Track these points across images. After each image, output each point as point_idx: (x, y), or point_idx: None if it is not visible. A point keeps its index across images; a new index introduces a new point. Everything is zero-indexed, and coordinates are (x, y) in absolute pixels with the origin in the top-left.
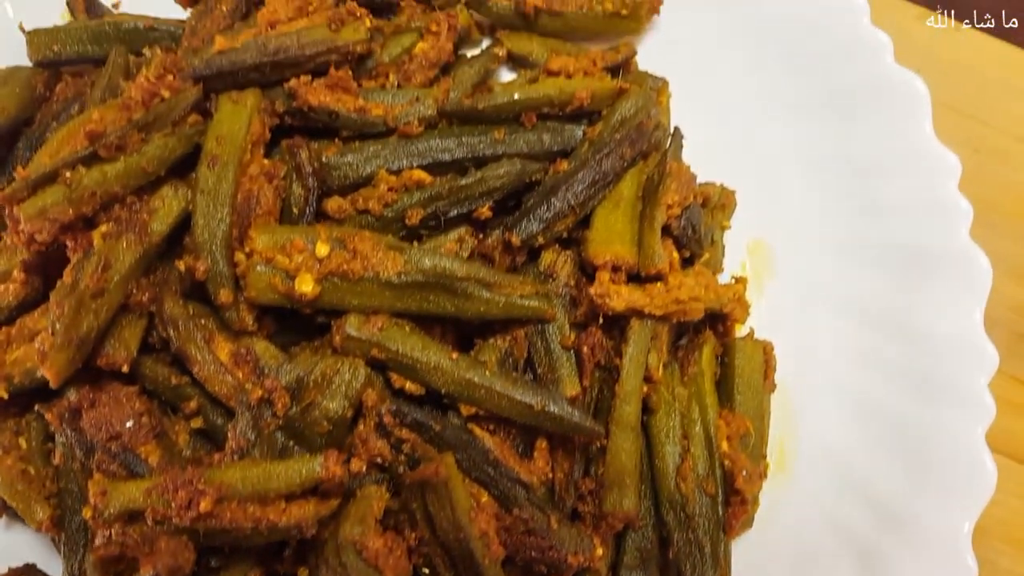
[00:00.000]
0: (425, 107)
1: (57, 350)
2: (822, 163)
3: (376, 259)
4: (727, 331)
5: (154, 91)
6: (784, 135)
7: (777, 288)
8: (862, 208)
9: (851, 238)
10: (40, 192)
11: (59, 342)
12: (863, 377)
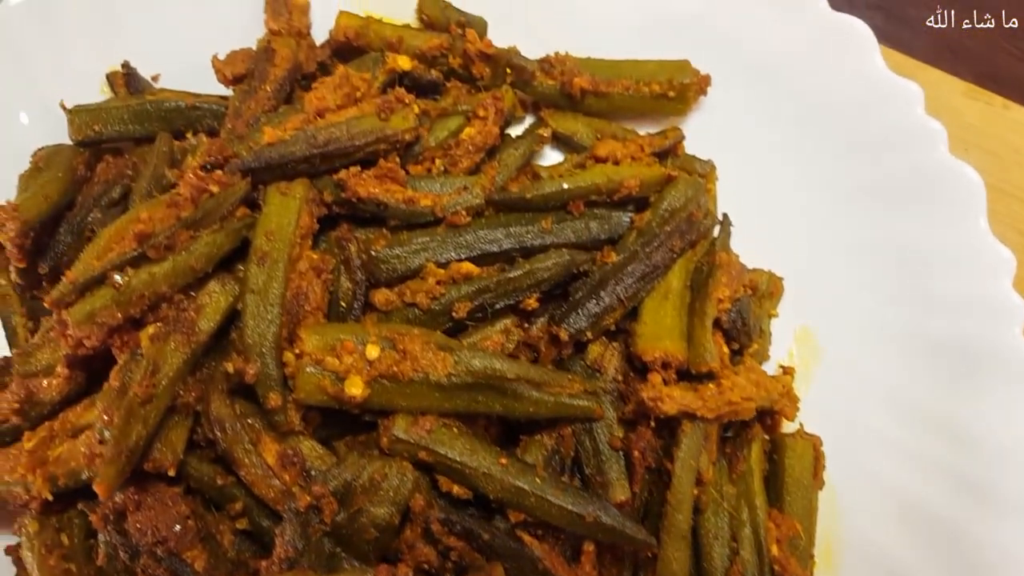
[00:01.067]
0: (473, 196)
1: (108, 463)
2: (871, 251)
3: (426, 360)
4: (774, 425)
5: (203, 187)
6: (832, 221)
7: (824, 377)
8: (911, 300)
9: (900, 330)
10: (88, 295)
11: (110, 455)
12: (912, 477)
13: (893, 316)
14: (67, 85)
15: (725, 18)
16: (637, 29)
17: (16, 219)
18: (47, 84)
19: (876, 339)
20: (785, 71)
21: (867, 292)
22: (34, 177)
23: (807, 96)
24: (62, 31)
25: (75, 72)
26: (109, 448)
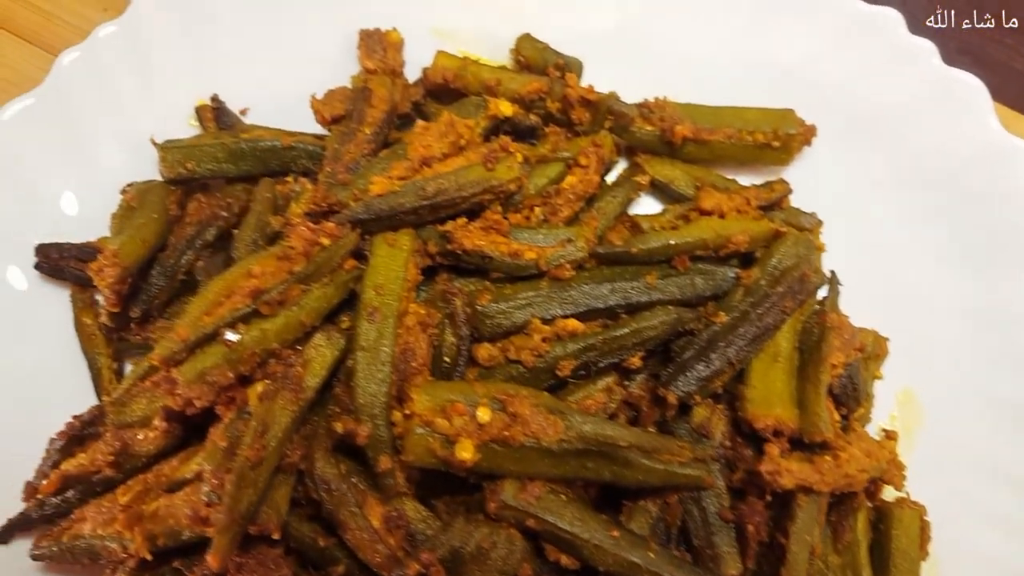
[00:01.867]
0: (577, 249)
1: (221, 533)
2: (977, 314)
3: (536, 425)
4: (875, 491)
5: (314, 240)
6: (938, 281)
7: (925, 442)
8: (1017, 366)
9: (1006, 397)
10: (199, 353)
11: (223, 523)
12: (1017, 549)
13: (999, 380)
14: (154, 116)
15: (831, 68)
16: (739, 75)
17: (116, 265)
18: (134, 115)
19: (980, 404)
20: (893, 125)
21: (972, 354)
22: (128, 217)
23: (915, 151)
24: (151, 62)
25: (162, 104)
26: (222, 516)
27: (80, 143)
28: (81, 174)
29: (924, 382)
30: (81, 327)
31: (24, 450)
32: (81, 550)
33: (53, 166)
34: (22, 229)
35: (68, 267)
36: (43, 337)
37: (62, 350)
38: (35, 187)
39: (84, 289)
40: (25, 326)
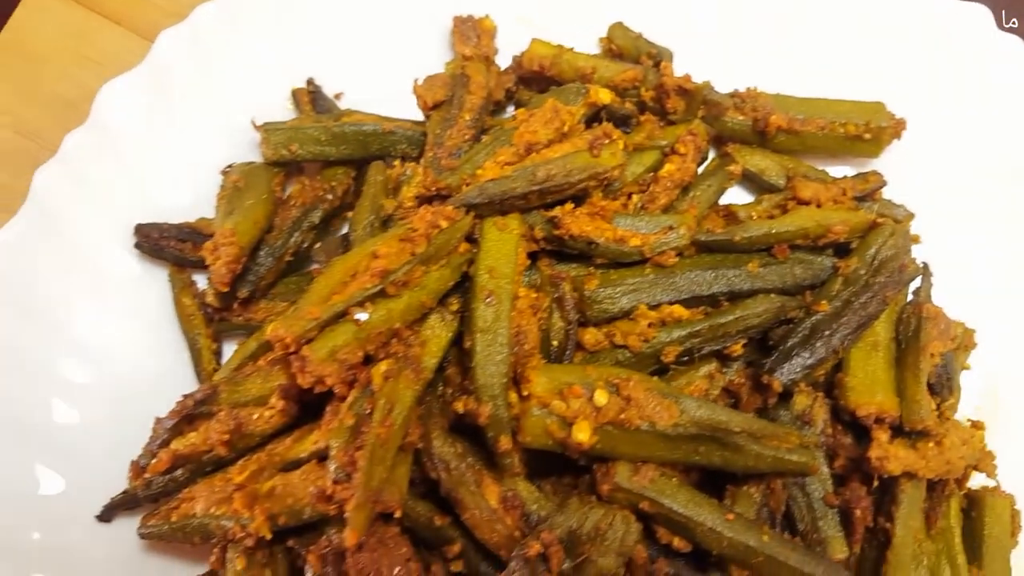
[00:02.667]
0: (679, 237)
1: (358, 509)
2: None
3: (651, 408)
4: (964, 480)
5: (435, 222)
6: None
7: (1005, 432)
8: None
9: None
10: (328, 332)
11: (359, 500)
12: None
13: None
14: (250, 99)
15: (920, 62)
16: (829, 66)
17: (234, 244)
18: (229, 97)
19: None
20: (981, 118)
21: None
22: (236, 197)
23: (1005, 147)
24: (247, 44)
25: (258, 86)
26: (358, 492)
27: (175, 124)
28: (176, 156)
29: (1003, 373)
30: (181, 307)
31: (125, 432)
32: (192, 529)
33: (149, 147)
34: (121, 209)
35: (168, 247)
36: (143, 318)
37: (161, 331)
38: (132, 167)
39: (182, 269)
40: (126, 308)
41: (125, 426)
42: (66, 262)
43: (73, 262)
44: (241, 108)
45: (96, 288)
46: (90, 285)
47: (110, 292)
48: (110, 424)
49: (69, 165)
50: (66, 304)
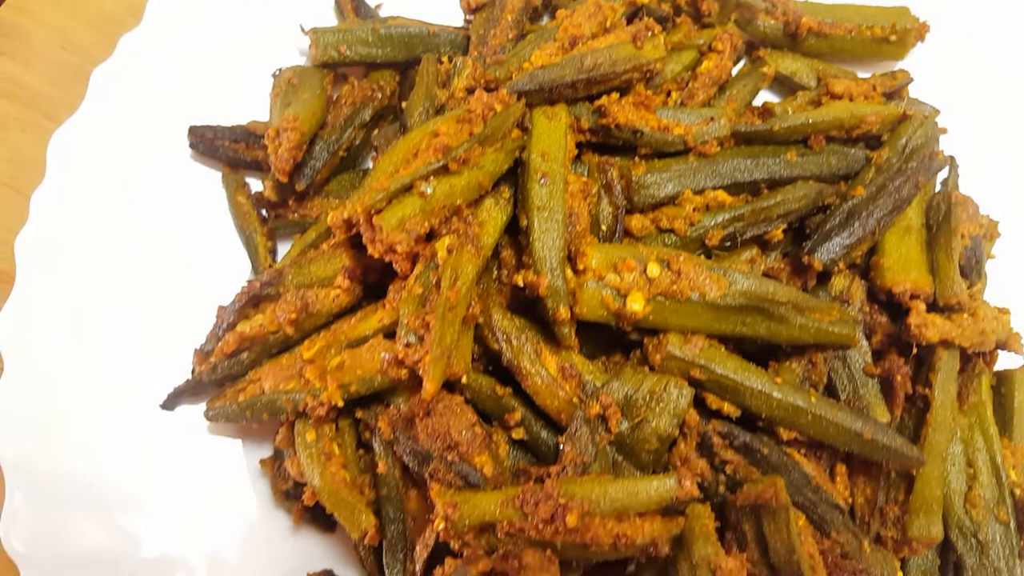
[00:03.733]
0: (721, 127)
1: (435, 361)
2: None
3: (700, 280)
4: (992, 361)
5: (490, 105)
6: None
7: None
8: None
9: None
10: (396, 203)
11: (437, 354)
12: None
13: None
14: (297, 4)
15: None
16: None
17: (296, 130)
18: (278, 2)
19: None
20: (1004, 23)
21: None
22: (291, 93)
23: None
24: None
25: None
26: (434, 348)
27: (226, 28)
28: (228, 60)
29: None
30: (236, 206)
31: (179, 328)
32: (261, 406)
33: (201, 51)
34: (175, 112)
35: (222, 147)
36: (199, 219)
37: (216, 231)
38: (185, 70)
39: (236, 170)
40: (182, 209)
41: (185, 320)
42: (122, 162)
43: (128, 162)
44: (288, 14)
45: (153, 188)
46: (146, 185)
47: (166, 193)
48: (168, 321)
49: (124, 65)
50: (126, 203)
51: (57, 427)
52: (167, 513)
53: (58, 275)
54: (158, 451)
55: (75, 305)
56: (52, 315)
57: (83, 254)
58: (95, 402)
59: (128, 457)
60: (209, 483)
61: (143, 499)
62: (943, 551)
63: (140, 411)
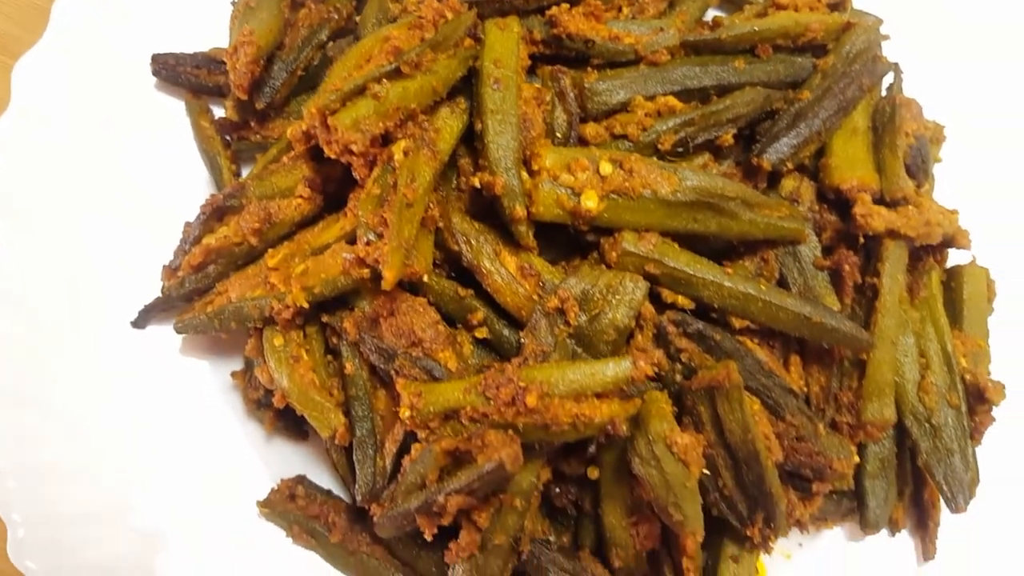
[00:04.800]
0: (670, 36)
1: (393, 252)
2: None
3: (652, 178)
4: (943, 259)
5: (441, 12)
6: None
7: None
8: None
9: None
10: (351, 104)
11: (394, 245)
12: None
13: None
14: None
15: None
16: None
17: (253, 44)
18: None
19: None
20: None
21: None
22: (249, 14)
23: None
24: None
25: None
26: (392, 239)
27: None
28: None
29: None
30: (200, 130)
31: (149, 252)
32: (229, 315)
33: None
34: (139, 39)
35: (185, 73)
36: (164, 143)
37: (181, 157)
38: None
39: (199, 96)
40: (148, 135)
41: (155, 244)
42: (86, 93)
43: (93, 91)
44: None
45: (118, 117)
46: (112, 115)
47: (131, 121)
48: (139, 242)
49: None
50: (91, 133)
51: (31, 356)
52: (142, 432)
53: (25, 207)
54: (130, 372)
55: (44, 235)
56: (21, 243)
57: (51, 184)
58: (69, 327)
59: (101, 379)
60: (182, 399)
61: (118, 420)
62: (899, 439)
63: (113, 333)
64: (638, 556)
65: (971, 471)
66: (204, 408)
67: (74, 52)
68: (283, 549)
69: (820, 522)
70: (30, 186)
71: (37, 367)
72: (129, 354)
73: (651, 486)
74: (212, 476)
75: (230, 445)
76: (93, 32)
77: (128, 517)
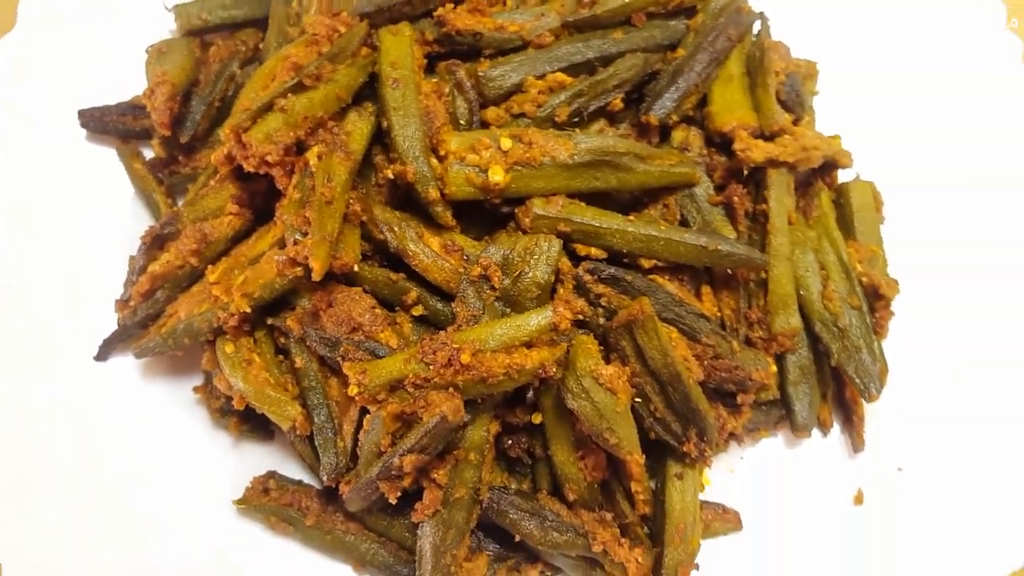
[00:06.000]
0: (551, 20)
1: (317, 244)
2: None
3: (549, 146)
4: (832, 181)
5: (334, 27)
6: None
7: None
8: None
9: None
10: (261, 121)
11: (318, 238)
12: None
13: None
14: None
15: None
16: None
17: (167, 83)
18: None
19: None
20: None
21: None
22: (162, 58)
23: None
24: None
25: None
26: (315, 233)
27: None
28: (108, 45)
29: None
30: (133, 172)
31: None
32: (180, 333)
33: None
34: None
35: (111, 122)
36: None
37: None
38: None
39: (128, 141)
40: (81, 187)
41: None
42: (21, 145)
43: (27, 147)
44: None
45: (50, 169)
46: (44, 168)
47: (64, 174)
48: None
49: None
50: (31, 190)
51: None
52: (118, 460)
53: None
54: (96, 403)
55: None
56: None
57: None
58: (31, 369)
59: (71, 414)
60: (150, 422)
61: (92, 451)
62: (814, 346)
63: (76, 369)
64: (590, 488)
65: (879, 362)
66: (172, 425)
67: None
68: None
69: (754, 433)
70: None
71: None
72: (96, 386)
73: (585, 417)
74: (188, 489)
75: (201, 454)
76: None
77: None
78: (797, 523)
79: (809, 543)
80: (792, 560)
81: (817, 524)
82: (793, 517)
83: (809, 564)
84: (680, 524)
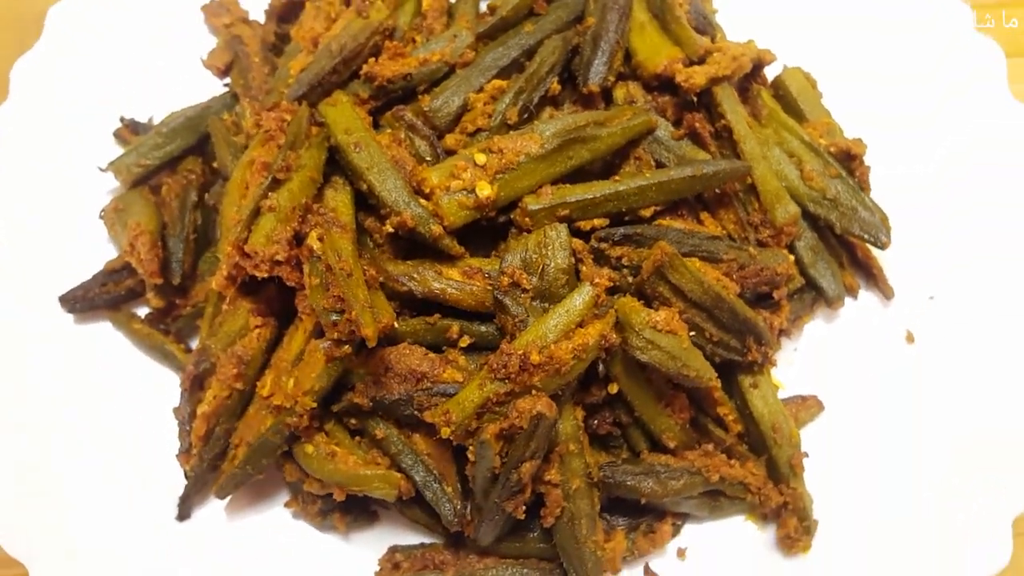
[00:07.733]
0: (465, 37)
1: (361, 312)
2: None
3: (519, 144)
4: (764, 80)
5: (280, 118)
6: None
7: None
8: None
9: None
10: (255, 227)
11: (358, 308)
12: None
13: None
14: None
15: None
16: None
17: (145, 232)
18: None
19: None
20: None
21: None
22: (125, 215)
23: None
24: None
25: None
26: (354, 307)
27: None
28: (60, 219)
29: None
30: (135, 333)
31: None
32: (256, 455)
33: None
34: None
35: (95, 296)
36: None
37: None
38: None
39: (119, 308)
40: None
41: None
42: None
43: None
44: (86, 163)
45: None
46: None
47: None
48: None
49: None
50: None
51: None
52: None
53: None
54: (202, 559)
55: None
56: None
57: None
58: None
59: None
60: (255, 555)
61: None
62: (815, 226)
63: (164, 534)
64: (684, 430)
65: (877, 212)
66: (277, 545)
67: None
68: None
69: (797, 321)
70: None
71: None
72: (193, 543)
73: (660, 364)
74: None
75: (320, 559)
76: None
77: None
78: (867, 382)
79: (884, 395)
80: (877, 414)
81: (884, 375)
82: (861, 379)
83: (893, 412)
84: (774, 425)
